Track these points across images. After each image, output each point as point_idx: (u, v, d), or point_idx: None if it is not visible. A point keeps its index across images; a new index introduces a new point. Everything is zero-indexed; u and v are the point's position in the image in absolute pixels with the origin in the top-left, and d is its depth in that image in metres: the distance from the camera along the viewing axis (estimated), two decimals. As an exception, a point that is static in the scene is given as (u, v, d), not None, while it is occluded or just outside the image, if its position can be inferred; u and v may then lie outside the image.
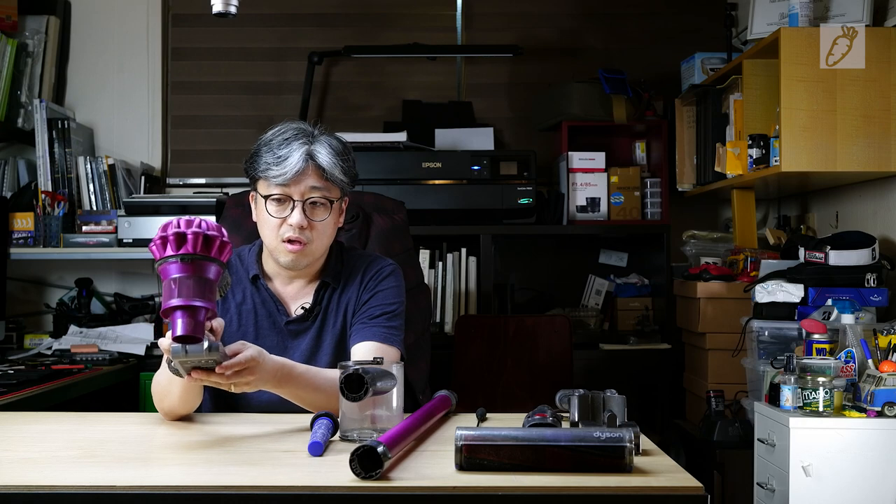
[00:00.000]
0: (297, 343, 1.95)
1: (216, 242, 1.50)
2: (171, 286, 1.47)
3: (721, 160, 3.09)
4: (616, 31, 3.83)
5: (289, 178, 1.84)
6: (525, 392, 3.01)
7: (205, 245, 1.49)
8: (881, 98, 2.68)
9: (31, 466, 1.41)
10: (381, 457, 1.29)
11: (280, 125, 1.92)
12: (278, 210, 1.87)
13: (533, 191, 3.33)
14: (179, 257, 1.47)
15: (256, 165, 1.89)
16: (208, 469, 1.38)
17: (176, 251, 1.47)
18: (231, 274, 1.92)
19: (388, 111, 3.81)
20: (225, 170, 3.77)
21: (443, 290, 3.40)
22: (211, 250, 1.49)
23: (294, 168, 1.84)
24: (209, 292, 1.49)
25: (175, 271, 1.47)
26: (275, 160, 1.85)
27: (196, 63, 3.80)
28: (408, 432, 1.49)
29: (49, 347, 3.10)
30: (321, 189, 1.88)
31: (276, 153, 1.85)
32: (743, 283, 2.94)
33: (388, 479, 1.31)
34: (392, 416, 1.59)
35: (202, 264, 1.48)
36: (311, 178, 1.87)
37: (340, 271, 1.99)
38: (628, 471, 1.33)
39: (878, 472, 2.18)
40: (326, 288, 1.97)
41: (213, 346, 1.50)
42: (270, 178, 1.85)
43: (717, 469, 2.74)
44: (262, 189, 1.89)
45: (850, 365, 2.27)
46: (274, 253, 1.91)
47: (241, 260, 2.00)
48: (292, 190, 1.86)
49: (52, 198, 3.32)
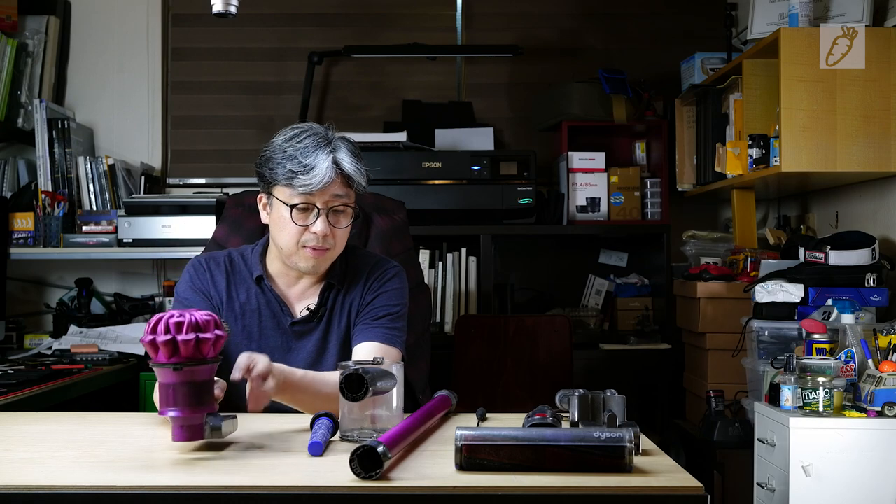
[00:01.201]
0: (301, 344, 1.95)
1: (209, 343, 1.44)
2: (167, 392, 1.43)
3: (721, 160, 3.09)
4: (616, 31, 3.83)
5: (316, 188, 1.82)
6: (525, 392, 3.01)
7: (197, 347, 1.43)
8: (881, 98, 2.68)
9: (31, 466, 1.41)
10: (381, 457, 1.29)
11: (295, 129, 1.89)
12: (301, 218, 1.85)
13: (533, 191, 3.33)
14: (172, 366, 1.42)
15: (277, 172, 1.85)
16: (208, 469, 1.38)
17: (168, 359, 1.42)
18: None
19: (388, 111, 3.81)
20: (225, 170, 3.77)
21: (443, 290, 3.40)
22: (205, 352, 1.44)
23: (323, 179, 1.82)
24: (205, 394, 1.45)
25: (168, 378, 1.43)
26: (301, 169, 1.82)
27: (196, 63, 3.80)
28: (408, 432, 1.49)
29: (49, 347, 3.10)
30: (343, 197, 1.88)
31: (302, 162, 1.82)
32: (743, 283, 2.94)
33: (388, 479, 1.31)
34: (392, 416, 1.59)
35: (196, 369, 1.43)
36: (336, 187, 1.86)
37: (345, 272, 1.99)
38: (628, 471, 1.33)
39: (878, 472, 2.18)
40: (331, 289, 1.97)
41: (222, 422, 1.49)
42: (297, 187, 1.83)
43: (717, 469, 2.74)
44: (284, 196, 1.86)
45: (850, 365, 2.27)
46: (292, 258, 1.90)
47: (244, 260, 2.00)
48: (317, 199, 1.85)
49: (52, 198, 3.32)
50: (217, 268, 1.98)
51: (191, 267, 1.99)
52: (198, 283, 1.96)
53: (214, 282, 1.96)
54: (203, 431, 1.45)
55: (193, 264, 1.99)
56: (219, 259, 2.00)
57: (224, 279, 1.97)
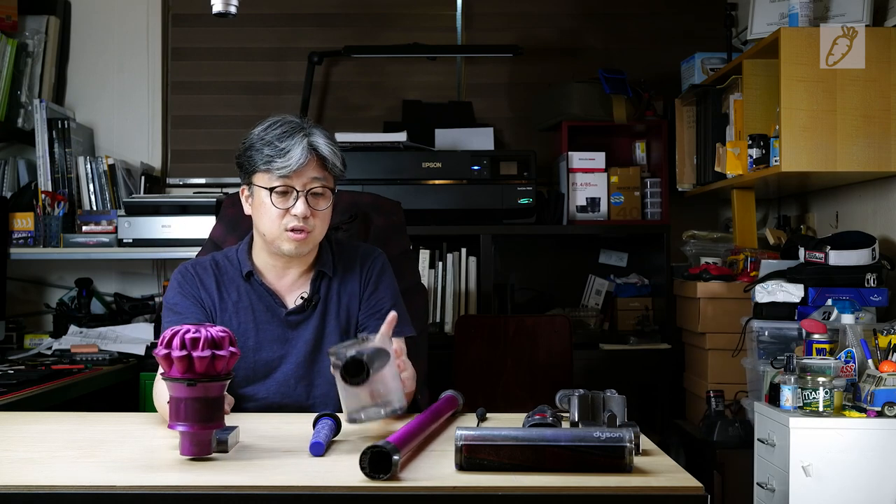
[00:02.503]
0: (298, 333, 1.97)
1: (224, 360, 1.44)
2: (178, 407, 1.43)
3: (721, 160, 3.09)
4: (616, 31, 3.83)
5: (293, 170, 1.88)
6: (525, 392, 3.01)
7: (211, 364, 1.43)
8: (881, 98, 2.68)
9: (31, 466, 1.41)
10: (392, 463, 1.29)
11: (270, 120, 1.96)
12: (281, 201, 1.90)
13: (533, 191, 3.33)
14: (186, 382, 1.42)
15: (255, 159, 1.92)
16: (208, 469, 1.38)
17: (182, 374, 1.42)
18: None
19: (388, 111, 3.81)
20: (225, 170, 3.77)
21: (443, 290, 3.40)
22: (218, 368, 1.44)
23: (298, 160, 1.88)
24: (216, 410, 1.45)
25: (181, 392, 1.43)
26: (277, 153, 1.88)
27: (196, 63, 3.80)
28: (417, 433, 1.49)
29: (49, 347, 3.10)
30: (321, 179, 1.92)
31: (278, 146, 1.89)
32: (743, 283, 2.94)
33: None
34: (392, 388, 1.58)
35: (209, 385, 1.43)
36: (313, 170, 1.91)
37: (335, 262, 2.03)
38: (628, 471, 1.33)
39: (878, 472, 2.18)
40: (323, 278, 2.01)
41: (228, 436, 1.48)
42: (274, 171, 1.88)
43: (717, 469, 2.73)
44: (263, 181, 1.91)
45: (850, 365, 2.27)
46: (276, 242, 1.93)
47: (229, 261, 2.02)
48: (295, 181, 1.90)
49: (52, 198, 3.32)
50: (204, 272, 2.00)
51: (178, 274, 2.01)
52: (187, 288, 1.98)
53: (204, 285, 1.99)
54: (209, 446, 1.44)
55: (180, 271, 2.01)
56: (204, 264, 2.02)
57: (213, 281, 1.99)
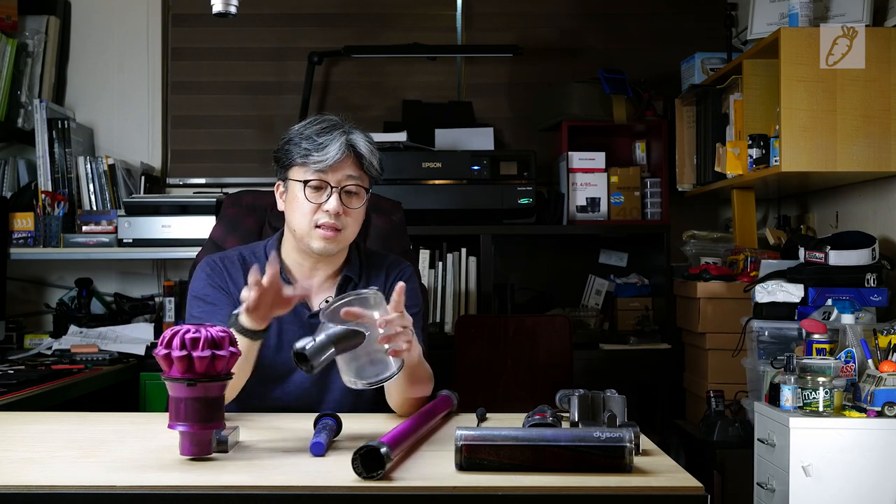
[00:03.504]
0: None
1: (224, 360, 1.44)
2: (178, 407, 1.43)
3: (721, 160, 3.09)
4: (616, 31, 3.83)
5: (329, 165, 1.88)
6: (525, 392, 3.01)
7: (212, 364, 1.42)
8: (881, 98, 2.68)
9: (31, 466, 1.41)
10: (383, 458, 1.29)
11: (312, 118, 1.96)
12: (315, 196, 1.90)
13: (533, 191, 3.33)
14: (186, 382, 1.42)
15: (292, 153, 1.91)
16: (208, 469, 1.38)
17: (182, 374, 1.42)
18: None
19: (388, 111, 3.81)
20: (225, 170, 3.77)
21: (443, 290, 3.40)
22: (218, 368, 1.44)
23: (335, 155, 1.87)
24: (216, 410, 1.45)
25: (181, 392, 1.42)
26: (315, 147, 1.88)
27: (196, 63, 3.80)
28: (410, 432, 1.49)
29: (49, 347, 3.10)
30: (356, 178, 1.92)
31: (316, 140, 1.89)
32: (743, 283, 2.94)
33: (389, 478, 1.31)
34: (377, 356, 1.56)
35: (209, 386, 1.43)
36: (349, 167, 1.91)
37: (362, 268, 2.02)
38: (628, 471, 1.33)
39: (878, 472, 2.18)
40: (349, 283, 2.00)
41: (228, 436, 1.48)
42: (310, 164, 1.88)
43: (717, 469, 2.73)
44: (298, 175, 1.91)
45: (850, 365, 2.27)
46: (305, 238, 1.92)
47: (256, 257, 2.00)
48: (330, 177, 1.89)
49: (52, 198, 3.32)
50: (232, 265, 1.98)
51: (206, 265, 1.99)
52: (216, 279, 1.96)
53: (233, 279, 1.96)
54: (210, 446, 1.44)
55: (208, 262, 1.99)
56: (231, 258, 2.00)
57: (241, 276, 1.95)
